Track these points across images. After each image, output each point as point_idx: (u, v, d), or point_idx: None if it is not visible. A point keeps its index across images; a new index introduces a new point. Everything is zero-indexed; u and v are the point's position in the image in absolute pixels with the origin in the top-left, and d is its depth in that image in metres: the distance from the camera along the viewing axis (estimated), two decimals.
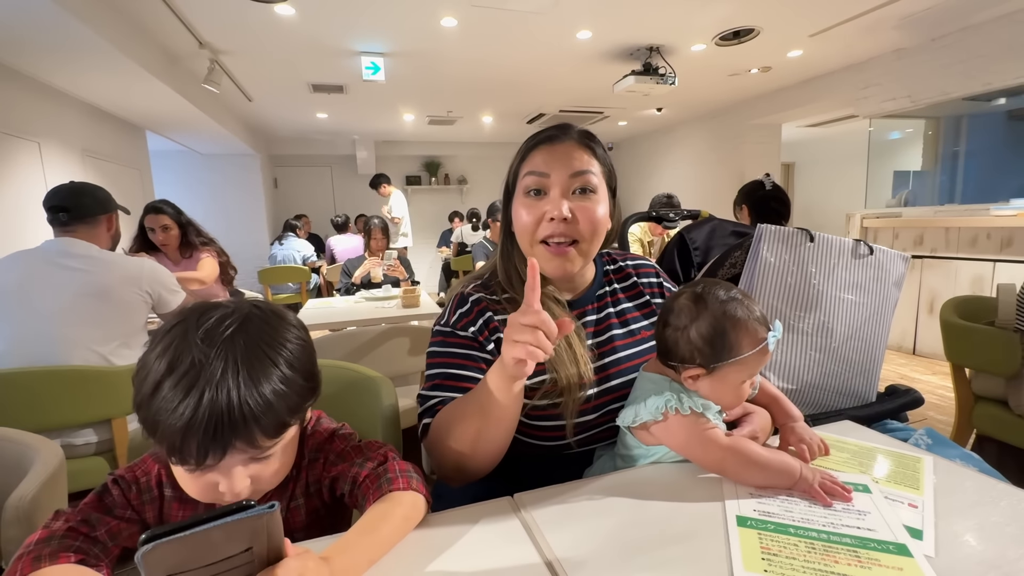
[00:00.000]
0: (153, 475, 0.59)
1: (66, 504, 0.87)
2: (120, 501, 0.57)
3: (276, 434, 0.52)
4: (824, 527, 0.56)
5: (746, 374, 0.69)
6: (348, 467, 0.62)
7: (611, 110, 5.84)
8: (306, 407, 0.57)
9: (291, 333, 0.56)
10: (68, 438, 1.37)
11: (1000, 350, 1.47)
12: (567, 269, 0.79)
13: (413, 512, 0.58)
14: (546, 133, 0.82)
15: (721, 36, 3.65)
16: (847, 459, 0.70)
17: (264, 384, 0.50)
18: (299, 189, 7.58)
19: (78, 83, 3.43)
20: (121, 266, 1.55)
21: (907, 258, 1.19)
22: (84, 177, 3.78)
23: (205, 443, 0.47)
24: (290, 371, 0.53)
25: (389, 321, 2.30)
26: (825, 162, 7.08)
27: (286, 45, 3.57)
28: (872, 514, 0.58)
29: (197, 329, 0.51)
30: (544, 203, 0.77)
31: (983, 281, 3.12)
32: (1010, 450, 1.50)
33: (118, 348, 1.49)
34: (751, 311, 0.69)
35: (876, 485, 0.64)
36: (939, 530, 0.55)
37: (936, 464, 0.69)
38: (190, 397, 0.47)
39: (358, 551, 0.51)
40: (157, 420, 0.48)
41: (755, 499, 0.62)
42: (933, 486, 0.64)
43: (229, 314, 0.53)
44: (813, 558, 0.51)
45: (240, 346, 0.50)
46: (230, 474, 0.51)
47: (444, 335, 0.81)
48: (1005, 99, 3.85)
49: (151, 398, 0.48)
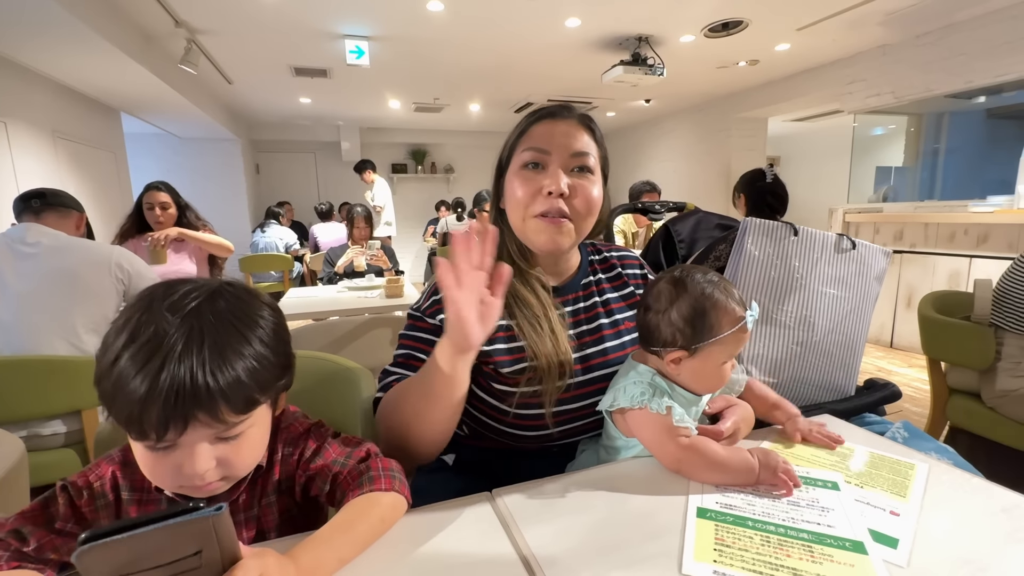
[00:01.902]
0: (108, 479, 0.55)
1: (27, 498, 0.84)
2: (64, 512, 0.53)
3: (244, 409, 0.49)
4: (784, 522, 0.56)
5: (726, 354, 0.70)
6: (327, 464, 0.59)
7: (600, 100, 5.81)
8: (278, 386, 0.54)
9: (264, 311, 0.54)
10: (35, 429, 1.32)
11: (975, 344, 1.50)
12: (559, 242, 0.77)
13: (391, 513, 0.56)
14: (548, 109, 0.80)
15: (710, 28, 3.64)
16: (836, 461, 0.70)
17: (231, 355, 0.48)
18: (282, 176, 7.43)
19: (47, 61, 3.29)
20: (88, 250, 1.50)
21: (888, 253, 1.20)
22: (55, 159, 3.65)
23: (166, 412, 0.44)
24: (260, 346, 0.50)
25: (372, 311, 2.27)
26: (809, 157, 7.15)
27: (267, 26, 3.46)
28: (836, 511, 0.57)
29: (163, 300, 0.48)
30: (542, 177, 0.76)
31: (959, 276, 3.19)
32: (981, 442, 1.54)
33: (87, 335, 1.44)
34: (729, 292, 0.70)
35: (848, 485, 0.63)
36: (918, 532, 0.55)
37: (930, 472, 0.65)
38: (150, 364, 0.44)
39: (328, 549, 0.49)
40: (116, 390, 0.45)
41: (720, 492, 0.62)
42: (922, 496, 0.61)
43: (197, 287, 0.50)
44: (766, 551, 0.51)
45: (207, 318, 0.48)
46: (194, 453, 0.48)
47: (415, 319, 0.80)
48: (985, 97, 3.92)
49: (110, 368, 0.46)
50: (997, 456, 1.49)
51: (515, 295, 0.78)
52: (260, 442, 0.55)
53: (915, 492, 0.61)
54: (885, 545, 0.52)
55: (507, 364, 0.76)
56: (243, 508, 0.60)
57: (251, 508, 0.60)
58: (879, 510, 0.58)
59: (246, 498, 0.60)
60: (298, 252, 5.32)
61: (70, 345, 1.40)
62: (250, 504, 0.60)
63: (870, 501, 0.60)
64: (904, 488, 0.62)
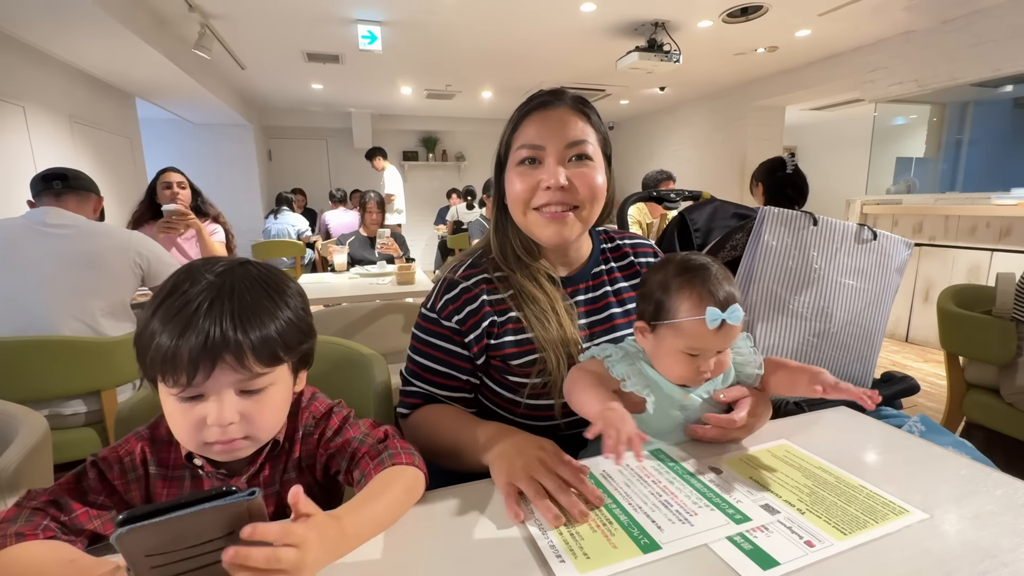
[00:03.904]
0: (137, 453, 0.57)
1: (51, 475, 0.86)
2: (95, 486, 0.55)
3: (269, 362, 0.52)
4: (630, 508, 0.57)
5: (683, 343, 0.67)
6: (346, 442, 0.61)
7: (613, 88, 5.72)
8: (301, 349, 0.57)
9: (290, 285, 0.58)
10: (56, 408, 1.35)
11: (996, 338, 1.47)
12: (564, 235, 0.76)
13: (416, 486, 0.58)
14: (539, 99, 0.78)
15: (728, 13, 3.56)
16: (806, 484, 0.60)
17: (259, 310, 0.52)
18: (294, 162, 7.45)
19: (64, 46, 3.31)
20: (109, 234, 1.52)
21: (910, 244, 1.18)
22: (72, 143, 3.69)
23: (195, 353, 0.48)
24: (287, 309, 0.55)
25: (383, 298, 2.28)
26: (827, 147, 7.01)
27: (280, 10, 3.45)
28: (700, 515, 0.55)
29: (201, 267, 0.53)
30: (539, 172, 0.75)
31: (979, 270, 3.12)
32: (998, 437, 1.52)
33: (106, 318, 1.47)
34: (712, 285, 0.67)
35: (789, 507, 0.56)
36: (934, 518, 0.53)
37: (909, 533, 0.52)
38: (184, 311, 0.49)
39: (369, 514, 0.51)
40: (151, 338, 0.49)
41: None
42: (872, 542, 0.50)
43: (230, 261, 0.55)
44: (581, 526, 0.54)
45: (239, 279, 0.53)
46: (220, 399, 0.50)
47: (429, 321, 0.80)
48: (1012, 87, 3.79)
49: (148, 323, 0.50)
50: (1014, 452, 1.47)
51: (521, 290, 0.78)
52: (282, 405, 0.58)
53: (867, 537, 0.51)
54: (751, 559, 0.48)
55: (516, 356, 0.77)
56: (264, 484, 0.61)
57: (272, 484, 0.62)
58: (791, 533, 0.51)
59: (267, 473, 0.61)
60: (310, 239, 5.35)
61: (87, 327, 1.43)
62: (271, 480, 0.62)
63: (793, 525, 0.53)
64: (855, 526, 0.52)
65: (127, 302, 1.55)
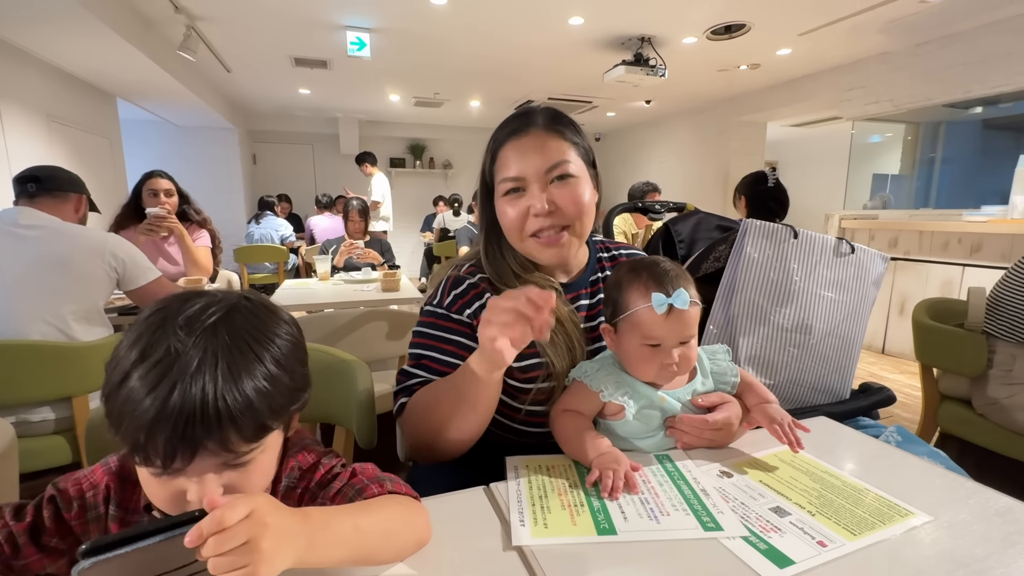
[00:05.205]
0: (101, 489, 0.53)
1: (17, 485, 0.83)
2: (50, 526, 0.50)
3: (254, 438, 0.46)
4: (606, 497, 0.60)
5: (640, 335, 0.70)
6: (347, 484, 0.55)
7: (600, 100, 5.80)
8: (292, 410, 0.51)
9: (281, 328, 0.51)
10: (24, 415, 1.30)
11: (968, 351, 1.51)
12: (563, 256, 0.80)
13: (417, 519, 0.53)
14: (510, 127, 0.79)
15: (712, 30, 3.64)
16: (815, 488, 0.63)
17: (245, 380, 0.45)
18: (279, 167, 7.37)
19: (43, 43, 3.24)
20: (82, 236, 1.47)
21: (886, 258, 1.21)
22: (49, 144, 3.60)
23: (173, 440, 0.42)
24: (276, 368, 0.48)
25: (368, 304, 2.26)
26: (806, 162, 7.18)
27: (268, 14, 3.43)
28: (672, 516, 0.57)
29: (178, 316, 0.46)
30: (525, 199, 0.77)
31: (952, 284, 3.22)
32: (970, 447, 1.55)
33: (78, 323, 1.42)
34: (658, 274, 0.71)
35: (800, 509, 0.58)
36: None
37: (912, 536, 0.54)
38: (160, 388, 0.42)
39: (343, 513, 0.47)
40: (123, 412, 0.43)
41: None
42: (879, 543, 0.53)
43: (215, 303, 0.48)
44: (554, 497, 0.60)
45: (223, 337, 0.45)
46: (200, 482, 0.45)
47: (437, 317, 0.80)
48: (981, 108, 3.95)
49: (118, 388, 0.43)
50: (985, 462, 1.50)
51: None
52: (270, 467, 0.53)
53: (875, 538, 0.53)
54: (767, 558, 0.50)
55: (519, 359, 0.75)
56: None
57: None
58: (804, 533, 0.54)
59: None
60: (293, 244, 5.28)
61: (59, 332, 1.38)
62: None
63: (805, 526, 0.55)
64: (864, 528, 0.55)
65: (100, 306, 1.51)
